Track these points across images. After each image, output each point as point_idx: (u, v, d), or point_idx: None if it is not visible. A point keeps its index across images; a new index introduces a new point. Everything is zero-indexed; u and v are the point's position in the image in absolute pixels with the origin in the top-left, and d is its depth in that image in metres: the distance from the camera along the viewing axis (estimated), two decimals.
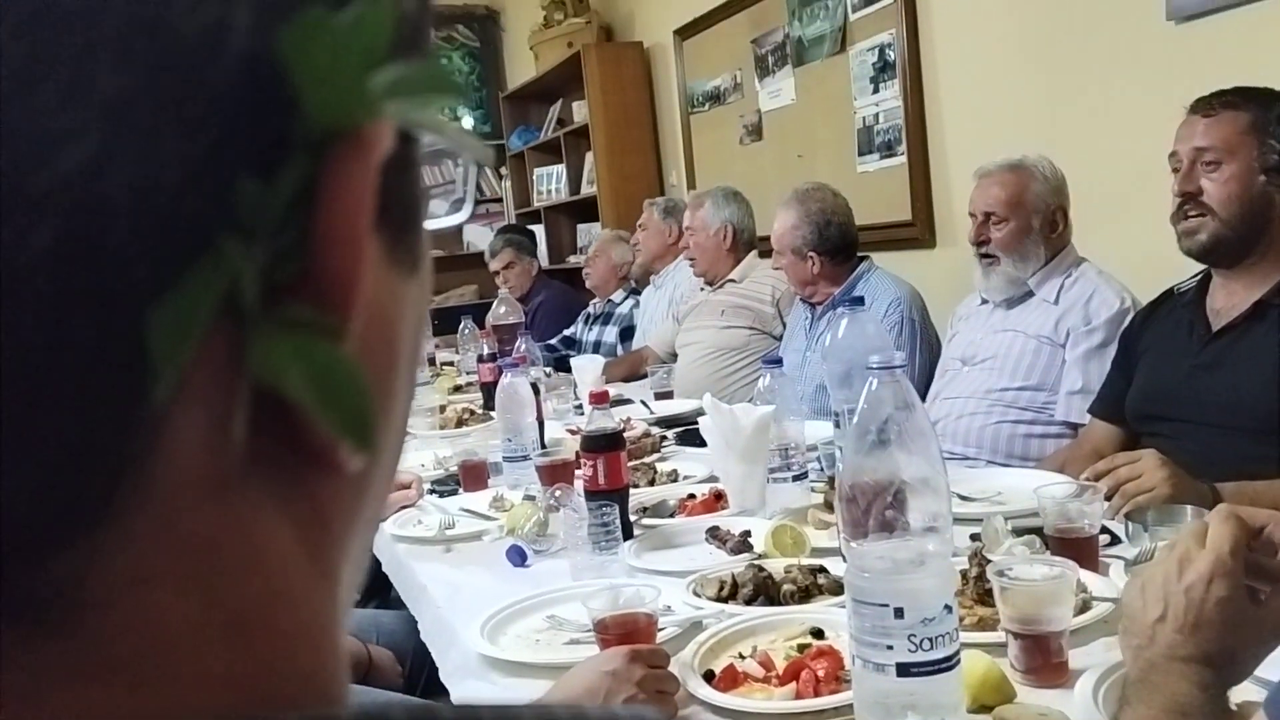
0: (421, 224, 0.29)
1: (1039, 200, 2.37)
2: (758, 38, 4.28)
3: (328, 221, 0.23)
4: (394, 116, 0.24)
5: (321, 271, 0.23)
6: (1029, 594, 1.12)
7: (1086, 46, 2.79)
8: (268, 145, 0.22)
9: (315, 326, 0.23)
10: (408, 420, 0.31)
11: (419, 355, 0.30)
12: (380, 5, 0.23)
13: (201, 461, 0.23)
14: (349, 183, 0.23)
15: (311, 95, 0.22)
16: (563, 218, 6.13)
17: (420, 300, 0.29)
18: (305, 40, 0.22)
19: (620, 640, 1.18)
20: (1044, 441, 2.35)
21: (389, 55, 0.23)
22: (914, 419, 1.03)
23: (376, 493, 0.29)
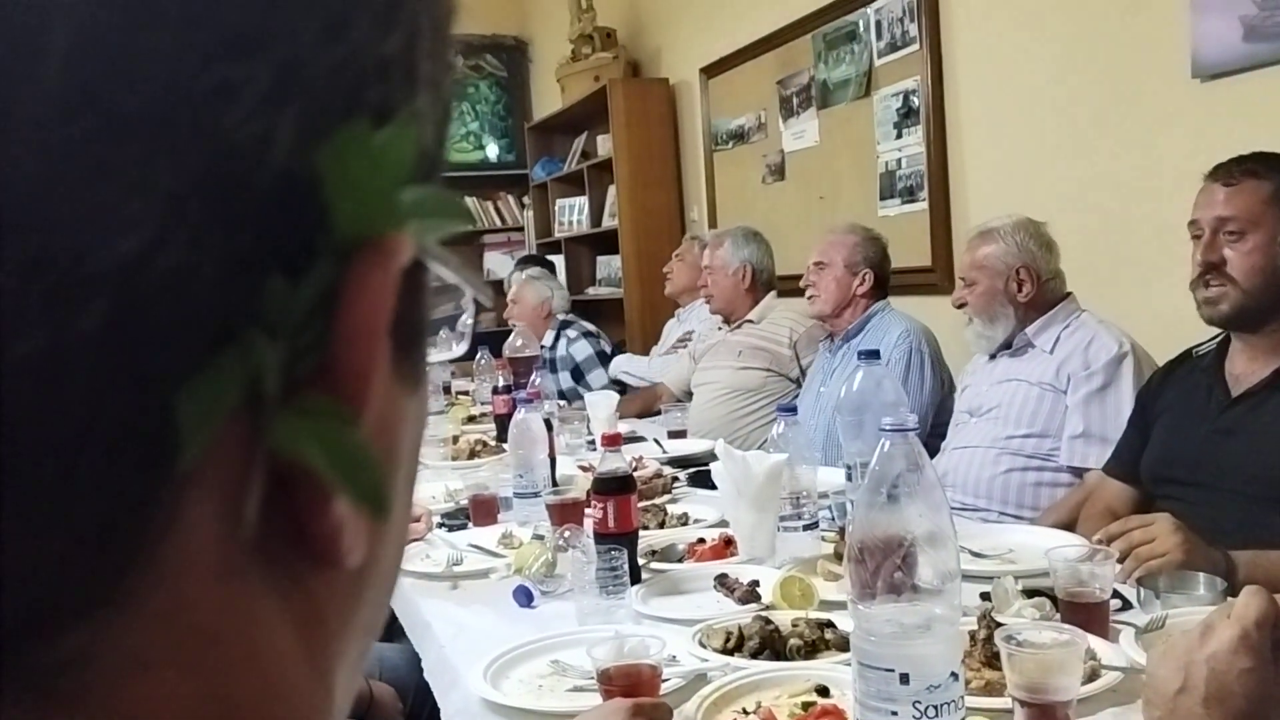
0: (425, 345, 0.30)
1: (999, 263, 2.44)
2: (783, 79, 4.31)
3: (348, 320, 0.24)
4: (414, 233, 0.25)
5: (339, 366, 0.24)
6: (1036, 661, 1.11)
7: (1111, 101, 2.80)
8: (298, 248, 0.23)
9: (332, 413, 0.24)
10: (405, 532, 0.31)
11: (416, 470, 0.31)
12: (406, 134, 0.25)
13: (211, 548, 0.23)
14: (371, 286, 0.24)
15: (342, 205, 0.24)
16: (583, 249, 6.15)
17: (419, 417, 0.30)
18: (341, 155, 0.23)
19: (623, 691, 1.18)
20: (1054, 490, 2.37)
21: (412, 178, 0.25)
22: (924, 481, 1.02)
23: (373, 599, 0.29)
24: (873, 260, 2.94)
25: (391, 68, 0.26)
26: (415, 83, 0.27)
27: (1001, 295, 2.42)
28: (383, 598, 0.30)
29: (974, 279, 2.46)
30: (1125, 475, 2.10)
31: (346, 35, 0.24)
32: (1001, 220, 2.48)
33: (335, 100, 0.24)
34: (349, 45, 0.24)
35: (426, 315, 0.30)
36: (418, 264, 0.27)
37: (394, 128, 0.25)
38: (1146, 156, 2.70)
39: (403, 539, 0.31)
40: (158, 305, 0.21)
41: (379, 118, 0.25)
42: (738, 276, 3.52)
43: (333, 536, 0.25)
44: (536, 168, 6.49)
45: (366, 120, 0.24)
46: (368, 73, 0.25)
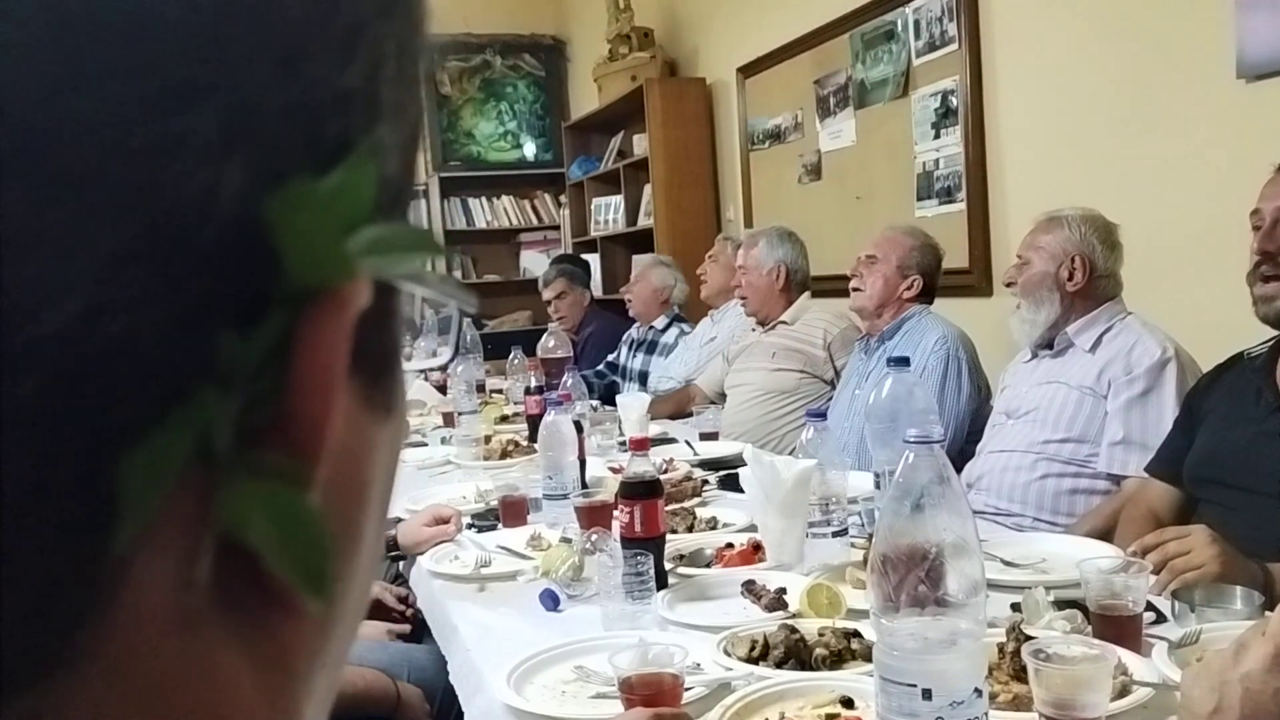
0: (398, 370, 0.29)
1: (1057, 248, 2.40)
2: (820, 78, 4.28)
3: (301, 372, 0.23)
4: (373, 272, 0.24)
5: (293, 418, 0.24)
6: (1064, 677, 1.09)
7: (1154, 101, 2.75)
8: (249, 301, 0.23)
9: (284, 473, 0.24)
10: (379, 558, 0.31)
11: (390, 494, 0.31)
12: (363, 171, 0.24)
13: (165, 604, 0.23)
14: (323, 337, 0.24)
15: (293, 256, 0.23)
16: (619, 248, 6.15)
17: (394, 442, 0.30)
18: (292, 204, 0.23)
19: (645, 700, 1.17)
20: (1089, 498, 2.33)
21: (371, 216, 0.24)
22: (950, 492, 1.00)
23: (341, 634, 0.29)
24: (925, 268, 2.90)
25: (352, 99, 0.25)
26: (378, 112, 0.26)
27: (1051, 280, 2.38)
28: (351, 631, 0.30)
29: (1029, 259, 2.43)
30: (1168, 477, 2.07)
31: (301, 71, 0.23)
32: (1072, 209, 2.45)
33: (288, 142, 0.23)
34: (303, 81, 0.23)
35: (396, 341, 0.29)
36: (385, 290, 0.27)
37: (349, 167, 0.24)
38: (1190, 158, 2.65)
39: (372, 569, 0.30)
40: (100, 370, 0.21)
41: (337, 154, 0.24)
42: (772, 277, 3.50)
43: (292, 589, 0.24)
44: (573, 167, 6.50)
45: (322, 160, 0.24)
46: (325, 108, 0.24)
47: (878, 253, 2.91)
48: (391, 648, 2.15)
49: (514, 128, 7.17)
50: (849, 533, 1.78)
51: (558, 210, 7.06)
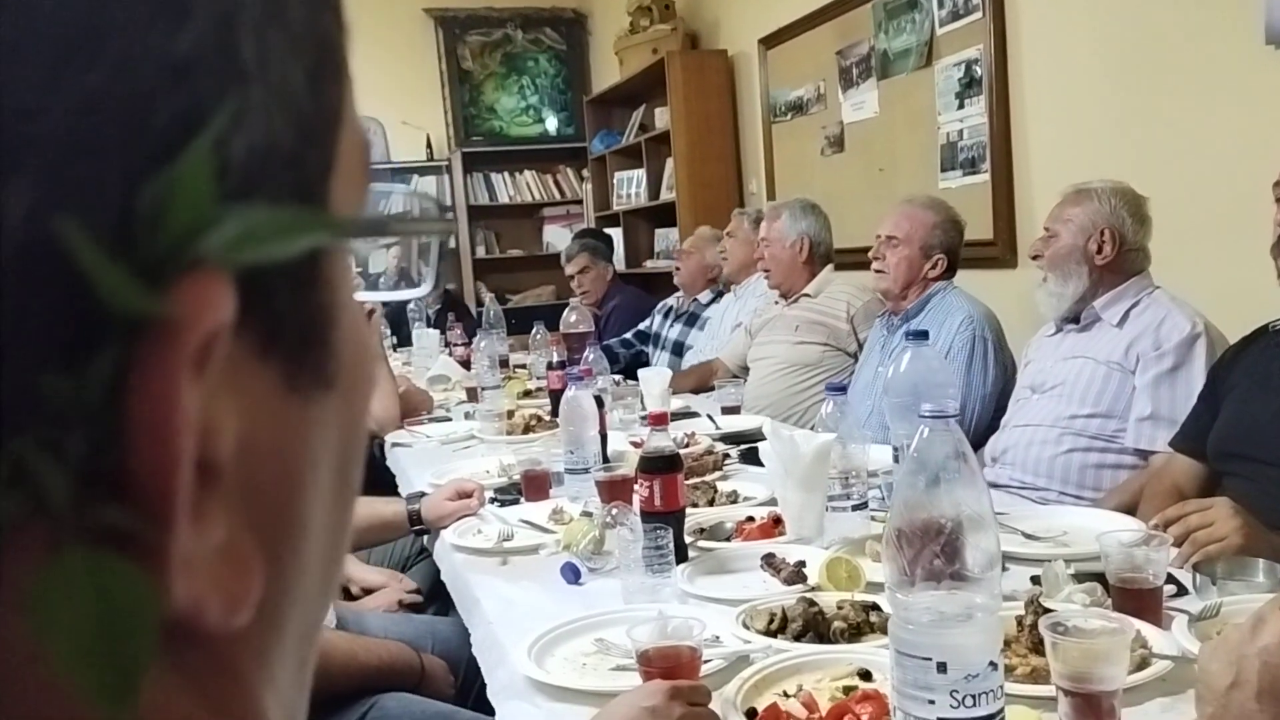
0: (332, 340, 0.27)
1: (1086, 220, 2.36)
2: (843, 49, 4.24)
3: (138, 415, 0.21)
4: (238, 267, 0.22)
5: (136, 467, 0.21)
6: (1081, 650, 1.09)
7: (1180, 69, 2.71)
8: (73, 336, 0.20)
9: (126, 536, 0.21)
10: (344, 531, 0.30)
11: (351, 465, 0.29)
12: (196, 168, 0.21)
13: (31, 670, 0.21)
14: (156, 372, 0.21)
15: (107, 281, 0.20)
16: (641, 222, 6.14)
17: (345, 413, 0.28)
18: (73, 236, 0.20)
19: (663, 673, 1.18)
20: (1116, 473, 2.31)
21: (237, 206, 0.22)
22: (965, 467, 1.00)
23: (302, 614, 0.27)
24: (948, 245, 2.84)
25: (192, 67, 0.22)
26: (238, 72, 0.23)
27: (1080, 253, 2.35)
28: (316, 613, 0.29)
29: (1056, 231, 2.40)
30: (1193, 451, 2.05)
31: (99, 55, 0.20)
32: (1101, 182, 2.42)
33: (92, 142, 0.20)
34: (105, 66, 0.20)
35: (324, 309, 0.26)
36: (300, 260, 0.24)
37: (182, 162, 0.21)
38: (1216, 126, 2.62)
39: (335, 552, 0.29)
40: None
41: (181, 134, 0.21)
42: (795, 249, 3.48)
43: (195, 615, 0.22)
44: (595, 141, 6.48)
45: (158, 148, 0.21)
46: (147, 89, 0.21)
47: (898, 233, 2.84)
48: (416, 620, 2.18)
49: (536, 102, 7.15)
50: (869, 506, 1.78)
51: (580, 184, 7.05)
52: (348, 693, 1.68)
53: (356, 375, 0.28)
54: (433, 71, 6.94)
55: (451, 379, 3.92)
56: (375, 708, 1.67)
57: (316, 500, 0.27)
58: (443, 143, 7.00)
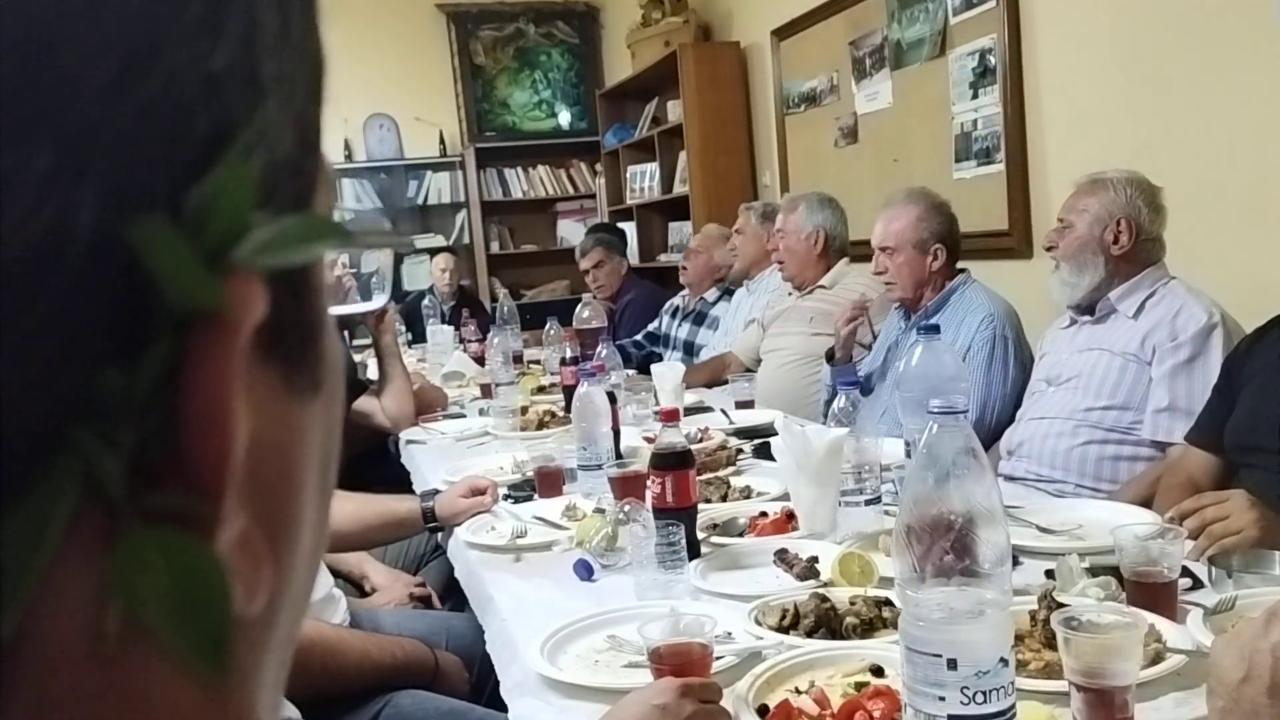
0: (322, 345, 0.28)
1: (1102, 210, 2.34)
2: (856, 39, 4.22)
3: (192, 405, 0.22)
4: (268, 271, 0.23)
5: (190, 455, 0.22)
6: (1094, 645, 1.08)
7: (1196, 56, 2.68)
8: (127, 332, 0.22)
9: (184, 515, 0.22)
10: (325, 531, 0.31)
11: (331, 467, 0.30)
12: (239, 175, 0.23)
13: (80, 639, 0.22)
14: (212, 364, 0.22)
15: (168, 280, 0.21)
16: (655, 216, 6.14)
17: (327, 416, 0.29)
18: (156, 229, 0.21)
19: (674, 670, 1.18)
20: (1133, 464, 2.29)
21: (258, 213, 0.23)
22: (975, 463, 1.00)
23: (288, 619, 0.28)
24: (941, 232, 2.80)
25: (225, 82, 0.23)
26: (260, 88, 0.24)
27: (1095, 244, 2.33)
28: (299, 612, 0.29)
29: (1071, 222, 2.38)
30: (1208, 444, 2.04)
31: (155, 66, 0.21)
32: (1116, 171, 2.39)
33: (149, 149, 0.21)
34: (159, 77, 0.21)
35: (317, 315, 0.28)
36: (299, 268, 0.26)
37: (222, 173, 0.22)
38: (1233, 113, 2.59)
39: (316, 553, 0.30)
40: None
41: (215, 146, 0.22)
42: (810, 242, 3.48)
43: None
44: (608, 134, 6.48)
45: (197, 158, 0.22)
46: (191, 100, 0.22)
47: (889, 241, 2.82)
48: (430, 616, 2.18)
49: (548, 96, 7.15)
50: (882, 501, 1.77)
51: (593, 179, 7.05)
52: (362, 690, 1.69)
53: (335, 380, 0.30)
54: (445, 67, 6.94)
55: (466, 375, 3.93)
56: (389, 705, 1.67)
57: (308, 500, 0.28)
58: (456, 138, 7.01)
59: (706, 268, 4.34)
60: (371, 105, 6.71)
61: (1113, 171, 2.39)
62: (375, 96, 6.68)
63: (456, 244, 6.93)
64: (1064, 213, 2.43)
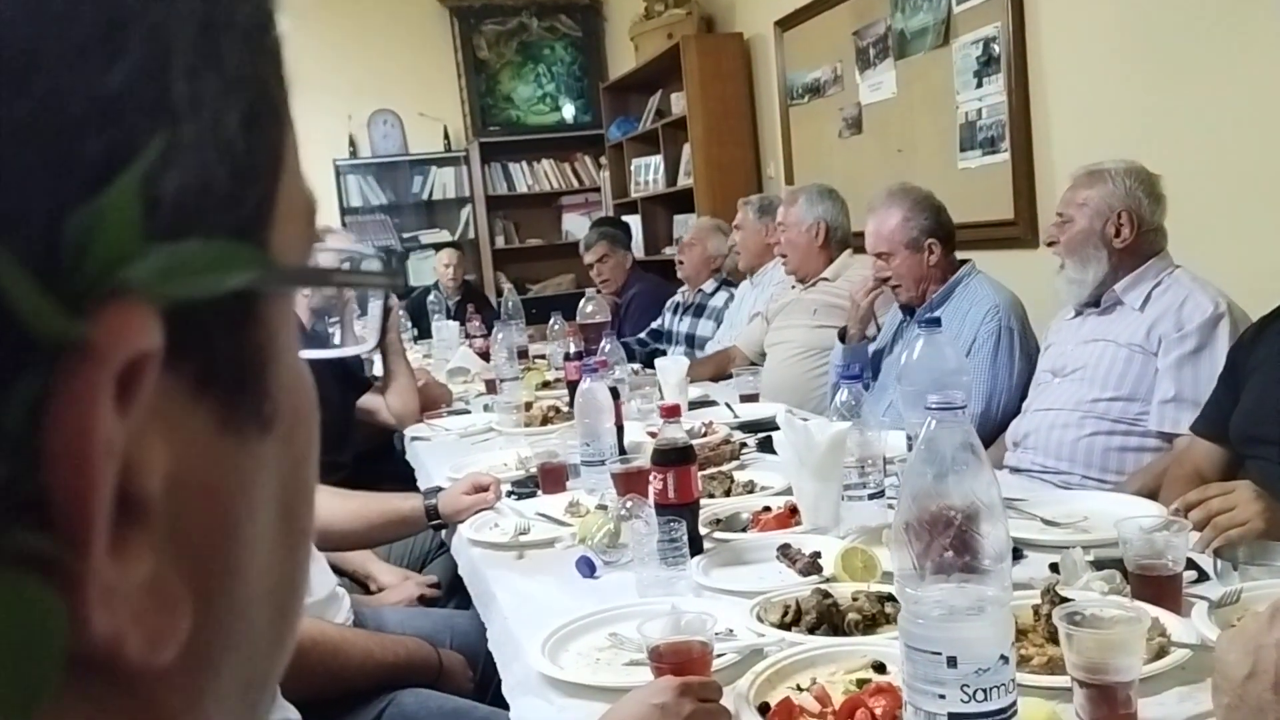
0: (268, 382, 0.27)
1: (1102, 204, 2.32)
2: (859, 29, 4.20)
3: (53, 440, 0.21)
4: (165, 300, 0.22)
5: (51, 493, 0.21)
6: (1096, 640, 1.07)
7: (1200, 40, 2.66)
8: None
9: (40, 559, 0.21)
10: (295, 577, 0.30)
11: (299, 507, 0.29)
12: (122, 202, 0.22)
13: None
14: (75, 398, 0.21)
15: (17, 312, 0.20)
16: (659, 209, 6.12)
17: (286, 455, 0.28)
18: (9, 258, 0.20)
19: (674, 669, 1.17)
20: (1139, 455, 2.28)
21: (163, 243, 0.22)
22: (974, 459, 0.99)
23: (241, 665, 0.27)
24: (930, 227, 2.76)
25: (124, 103, 0.22)
26: (166, 110, 0.23)
27: (1097, 238, 2.31)
28: (263, 653, 0.28)
29: (1071, 216, 2.35)
30: (1214, 435, 2.02)
31: (30, 87, 0.21)
32: (1114, 162, 2.36)
33: (22, 171, 0.21)
34: (37, 95, 0.21)
35: (263, 348, 0.27)
36: (239, 298, 0.25)
37: (108, 195, 0.21)
38: (1239, 99, 2.57)
39: (278, 596, 0.29)
40: None
41: (110, 169, 0.22)
42: (811, 234, 3.46)
43: (114, 648, 0.22)
44: (612, 128, 6.47)
45: (86, 182, 0.21)
46: (76, 122, 0.21)
47: (881, 246, 2.79)
48: (434, 614, 2.18)
49: (552, 90, 7.13)
50: (885, 495, 1.76)
51: (598, 172, 7.03)
52: (365, 689, 1.68)
53: (296, 418, 0.29)
54: (449, 62, 6.93)
55: (471, 371, 3.92)
56: (393, 704, 1.67)
57: (254, 544, 0.27)
58: (460, 133, 7.00)
59: (702, 259, 4.34)
60: (375, 101, 6.71)
61: (1110, 162, 2.37)
62: (379, 92, 6.68)
63: (462, 239, 6.93)
64: (1063, 206, 2.40)
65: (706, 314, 4.29)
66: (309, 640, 1.61)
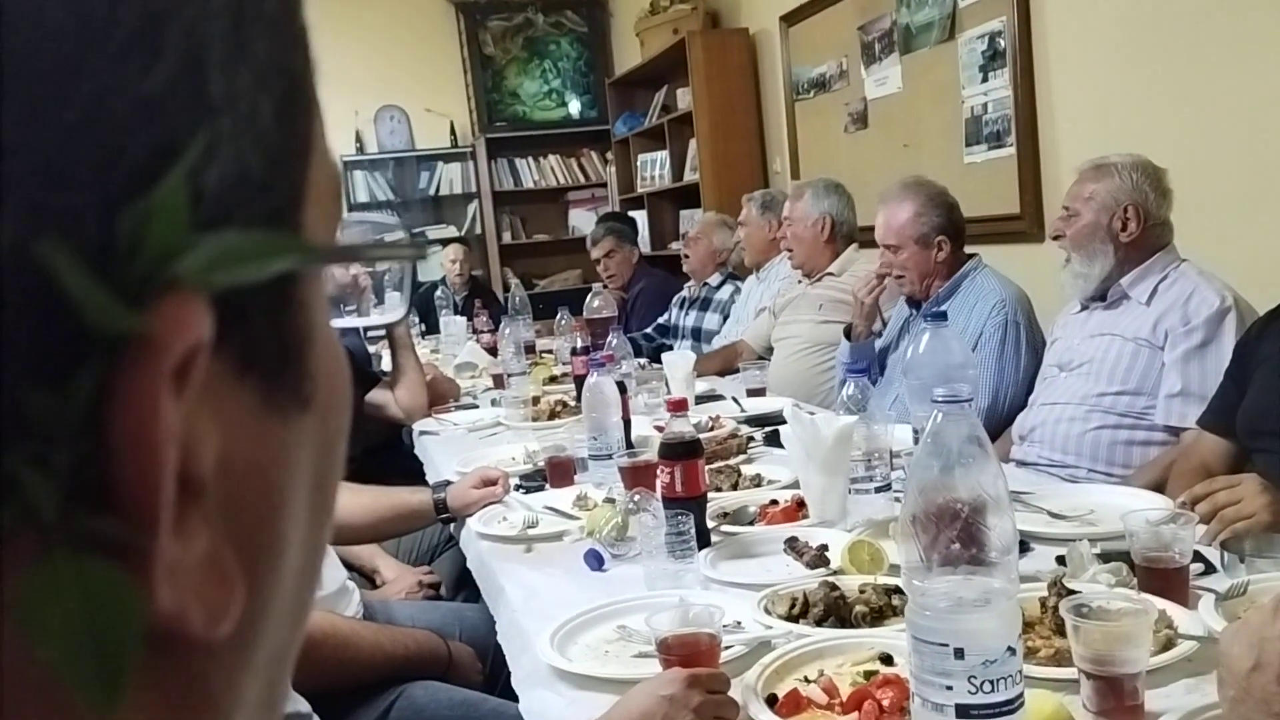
0: (307, 361, 0.28)
1: (1108, 198, 2.31)
2: (864, 24, 4.20)
3: (118, 429, 0.22)
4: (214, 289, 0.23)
5: (118, 479, 0.22)
6: (1103, 632, 1.08)
7: (1206, 34, 2.66)
8: (56, 354, 0.21)
9: (112, 544, 0.22)
10: (319, 552, 0.30)
11: (329, 484, 0.30)
12: (170, 194, 0.22)
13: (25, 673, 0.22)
14: (137, 388, 0.22)
15: (88, 303, 0.21)
16: (665, 204, 6.12)
17: (321, 433, 0.29)
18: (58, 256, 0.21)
19: (682, 661, 1.18)
20: (1146, 449, 2.28)
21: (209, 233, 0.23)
22: (980, 451, 0.99)
23: (272, 643, 0.28)
24: (942, 224, 2.76)
25: (165, 102, 0.23)
26: (207, 107, 0.24)
27: (1104, 232, 2.31)
28: (291, 633, 0.29)
29: (1077, 210, 2.35)
30: (1221, 429, 2.02)
31: (76, 88, 0.21)
32: (1119, 156, 2.36)
33: (75, 171, 0.21)
34: (83, 100, 0.21)
35: (302, 329, 0.27)
36: (277, 281, 0.26)
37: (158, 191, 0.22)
38: (1244, 92, 2.57)
39: (308, 572, 0.30)
40: None
41: (155, 166, 0.22)
42: (817, 228, 3.46)
43: (178, 623, 0.23)
44: (618, 123, 6.47)
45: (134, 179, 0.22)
46: (121, 122, 0.22)
47: (891, 239, 2.78)
48: (444, 607, 2.19)
49: (558, 86, 7.14)
50: (892, 488, 1.77)
51: (604, 167, 7.04)
52: (375, 682, 1.69)
53: (332, 397, 0.29)
54: (455, 58, 6.94)
55: (478, 366, 3.94)
56: (403, 697, 1.68)
57: (294, 518, 0.28)
58: (466, 129, 7.00)
59: (707, 253, 4.35)
60: (382, 97, 6.72)
61: (1116, 156, 2.37)
62: (386, 88, 6.69)
63: (469, 234, 6.94)
64: (1069, 200, 2.40)
65: (712, 308, 4.30)
66: (320, 633, 1.62)
